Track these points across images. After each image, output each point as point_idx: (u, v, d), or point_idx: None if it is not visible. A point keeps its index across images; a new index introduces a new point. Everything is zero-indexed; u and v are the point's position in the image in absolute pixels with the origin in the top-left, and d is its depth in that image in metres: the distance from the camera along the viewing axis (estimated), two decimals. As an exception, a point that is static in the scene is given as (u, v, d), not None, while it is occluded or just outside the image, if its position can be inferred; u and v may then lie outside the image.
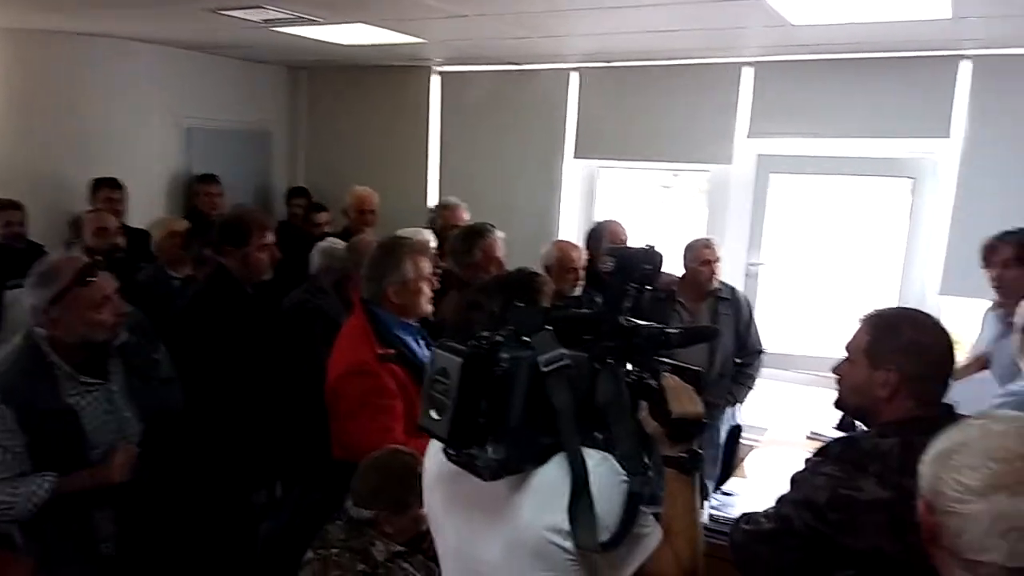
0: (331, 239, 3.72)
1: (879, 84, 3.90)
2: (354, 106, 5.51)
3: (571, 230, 4.88)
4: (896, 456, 1.53)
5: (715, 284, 3.73)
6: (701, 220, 4.61)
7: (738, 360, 3.77)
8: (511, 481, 1.28)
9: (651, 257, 1.39)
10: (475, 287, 1.63)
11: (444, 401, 1.19)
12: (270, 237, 2.87)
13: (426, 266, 2.54)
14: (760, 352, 3.82)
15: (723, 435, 3.85)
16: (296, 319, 3.19)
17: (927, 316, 1.72)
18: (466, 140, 5.14)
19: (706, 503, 2.92)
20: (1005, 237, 3.06)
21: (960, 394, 2.55)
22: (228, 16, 3.57)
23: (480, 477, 1.23)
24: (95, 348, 2.16)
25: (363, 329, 2.43)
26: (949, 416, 1.60)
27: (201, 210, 4.68)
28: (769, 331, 3.95)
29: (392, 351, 2.37)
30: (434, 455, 1.43)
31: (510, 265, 3.40)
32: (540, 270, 3.65)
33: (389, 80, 5.30)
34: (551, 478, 1.28)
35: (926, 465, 1.07)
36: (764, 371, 3.89)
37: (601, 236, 3.95)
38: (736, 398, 3.81)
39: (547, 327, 1.27)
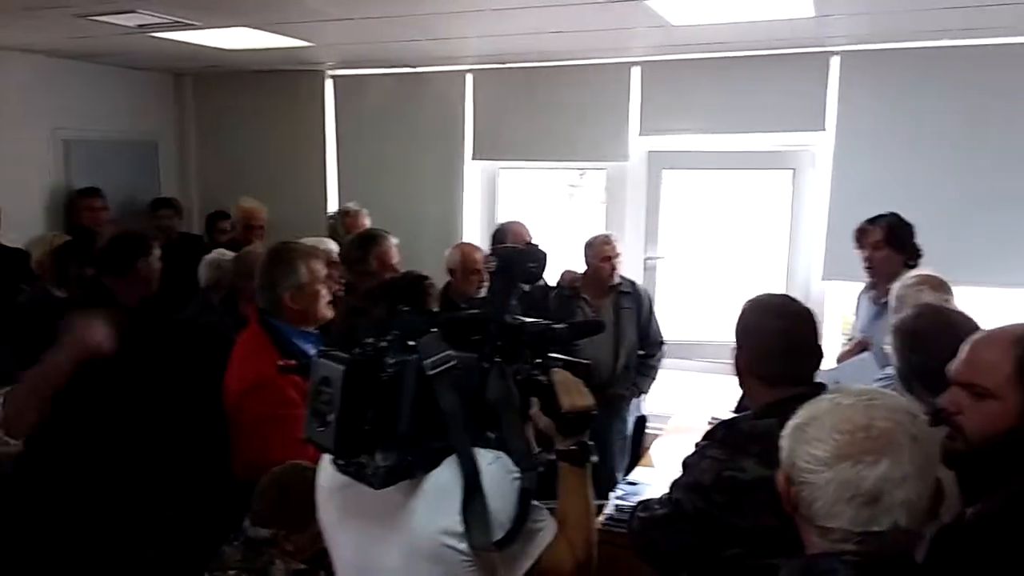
0: (219, 251, 3.59)
1: (758, 80, 4.09)
2: (245, 113, 5.34)
3: (474, 232, 4.90)
4: (774, 436, 1.60)
5: (616, 279, 3.82)
6: (602, 217, 4.71)
7: (641, 352, 3.88)
8: (404, 487, 1.28)
9: (534, 255, 1.41)
10: (360, 293, 1.61)
11: (329, 411, 1.18)
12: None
13: (321, 269, 2.49)
14: (661, 343, 3.94)
15: (630, 426, 3.96)
16: (187, 336, 3.07)
17: (780, 300, 1.82)
18: (363, 145, 5.07)
19: (612, 494, 2.99)
20: (875, 220, 3.27)
21: (847, 375, 2.69)
22: (100, 22, 3.40)
23: (370, 486, 1.23)
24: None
25: (260, 341, 2.36)
26: (819, 394, 1.70)
27: (84, 226, 4.43)
28: (670, 321, 4.08)
29: (292, 362, 2.31)
30: (325, 467, 1.41)
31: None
32: (445, 273, 3.69)
33: (281, 85, 5.17)
34: (443, 481, 1.28)
35: (784, 439, 1.14)
36: (667, 361, 4.01)
37: (505, 237, 3.98)
38: (640, 389, 3.91)
39: (433, 330, 1.28)
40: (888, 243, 3.16)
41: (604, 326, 3.52)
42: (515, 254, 1.41)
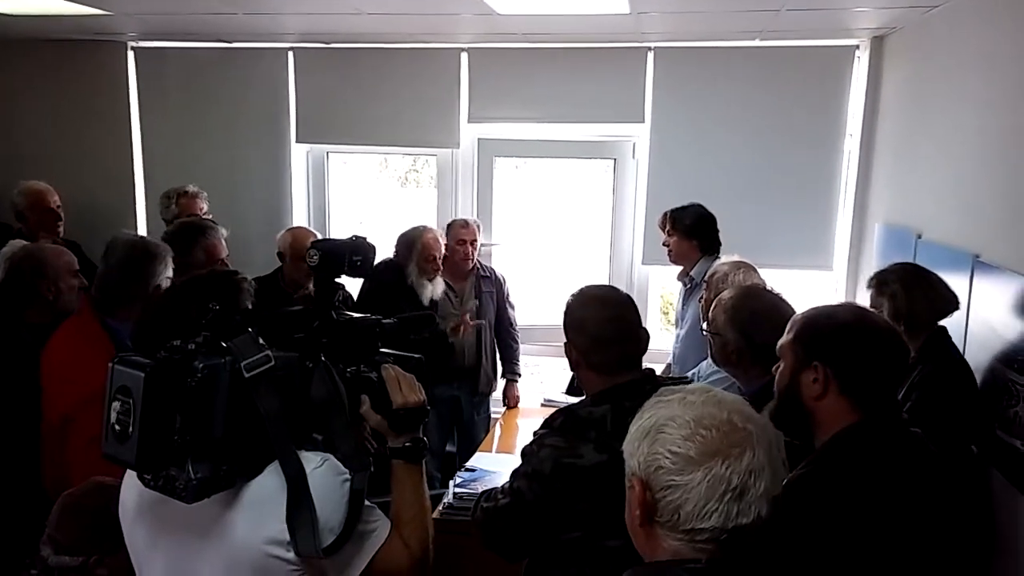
0: (13, 242, 3.16)
1: (582, 72, 4.20)
2: (35, 88, 4.71)
3: (303, 217, 4.70)
4: (609, 421, 1.66)
5: (471, 263, 3.87)
6: (433, 205, 4.67)
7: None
8: (223, 498, 1.20)
9: (360, 249, 1.35)
10: (164, 292, 1.47)
11: (129, 423, 1.06)
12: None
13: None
14: (515, 334, 4.07)
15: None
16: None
17: (604, 291, 1.87)
18: (173, 124, 4.65)
19: (451, 482, 2.99)
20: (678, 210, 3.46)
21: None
22: None
23: (182, 500, 1.13)
24: None
25: (98, 342, 2.09)
26: (651, 379, 1.77)
27: None
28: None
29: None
30: (132, 484, 1.29)
31: (240, 260, 3.17)
32: (275, 259, 3.51)
33: (77, 57, 4.62)
34: (266, 489, 1.21)
35: (633, 444, 1.07)
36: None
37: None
38: (516, 373, 4.05)
39: (249, 329, 1.19)
40: (679, 233, 3.41)
41: (434, 319, 3.50)
42: (338, 248, 1.34)
